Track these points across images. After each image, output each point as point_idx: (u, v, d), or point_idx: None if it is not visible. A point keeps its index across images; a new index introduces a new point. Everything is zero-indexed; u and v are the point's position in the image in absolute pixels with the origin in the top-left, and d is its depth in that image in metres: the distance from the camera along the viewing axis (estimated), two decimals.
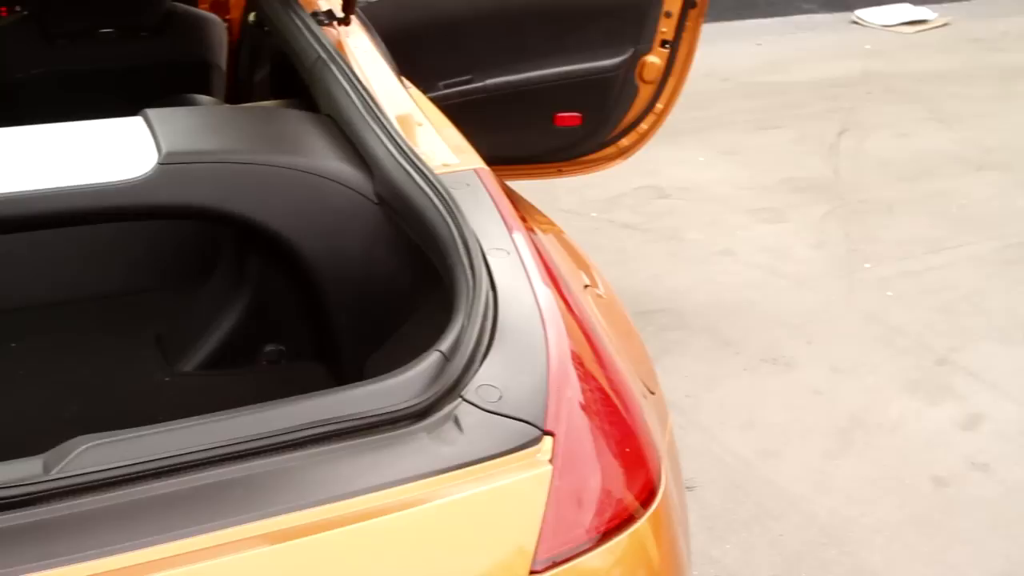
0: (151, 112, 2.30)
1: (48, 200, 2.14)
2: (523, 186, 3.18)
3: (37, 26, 3.41)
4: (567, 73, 4.14)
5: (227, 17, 3.88)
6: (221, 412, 1.71)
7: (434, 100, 2.71)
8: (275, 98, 3.35)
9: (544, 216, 2.73)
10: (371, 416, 1.63)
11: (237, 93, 3.79)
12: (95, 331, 2.72)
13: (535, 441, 1.63)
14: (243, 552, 1.49)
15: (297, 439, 1.60)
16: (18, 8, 3.98)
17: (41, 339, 2.68)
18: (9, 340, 2.67)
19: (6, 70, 3.43)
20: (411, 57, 3.04)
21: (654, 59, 4.10)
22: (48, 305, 2.79)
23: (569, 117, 4.20)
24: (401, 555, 1.53)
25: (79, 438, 1.60)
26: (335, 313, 2.33)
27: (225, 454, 1.58)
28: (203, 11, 3.70)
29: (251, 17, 3.61)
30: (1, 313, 2.75)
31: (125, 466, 1.54)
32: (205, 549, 1.47)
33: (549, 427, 1.65)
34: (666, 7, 4.02)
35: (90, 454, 1.57)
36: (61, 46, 3.45)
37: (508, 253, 1.97)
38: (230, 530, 1.49)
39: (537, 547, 1.55)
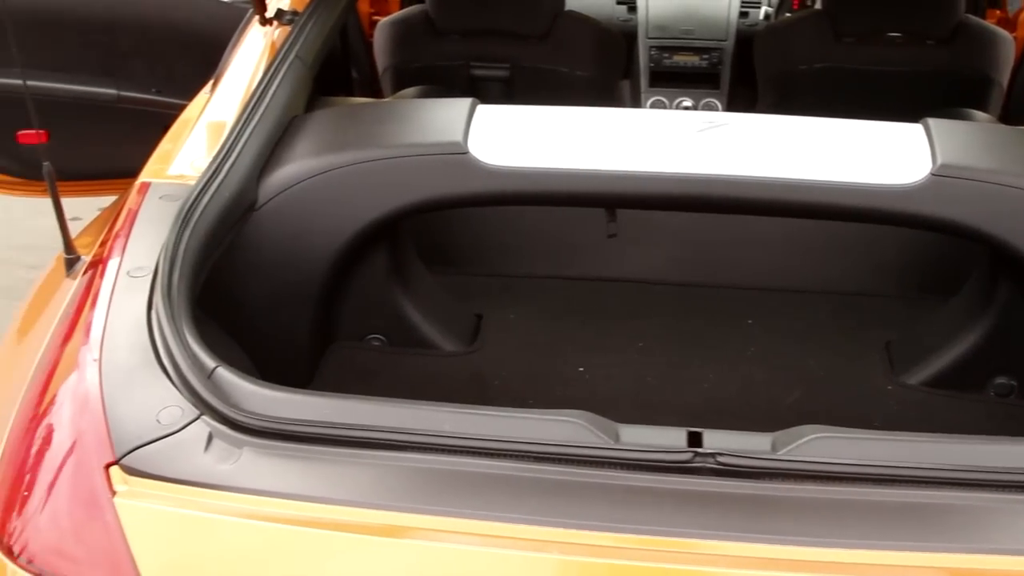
0: (932, 121, 2.29)
1: (812, 192, 2.21)
2: None
3: (829, 24, 3.50)
4: None
5: (1013, 34, 3.75)
6: (952, 435, 1.69)
7: None
8: None
9: None
10: None
11: (1008, 112, 3.66)
12: (825, 325, 2.76)
13: None
14: None
15: None
16: (809, 3, 4.13)
17: (774, 322, 2.76)
18: (746, 317, 2.78)
19: (792, 60, 3.56)
20: None
21: None
22: (785, 291, 2.87)
23: None
24: None
25: (809, 427, 1.65)
26: None
27: (949, 478, 1.56)
28: (995, 26, 3.61)
29: None
30: (742, 289, 2.87)
31: (850, 464, 1.58)
32: (912, 567, 1.46)
33: None
34: None
35: (819, 444, 1.61)
36: (846, 44, 3.52)
37: None
38: (939, 555, 1.48)
39: None
